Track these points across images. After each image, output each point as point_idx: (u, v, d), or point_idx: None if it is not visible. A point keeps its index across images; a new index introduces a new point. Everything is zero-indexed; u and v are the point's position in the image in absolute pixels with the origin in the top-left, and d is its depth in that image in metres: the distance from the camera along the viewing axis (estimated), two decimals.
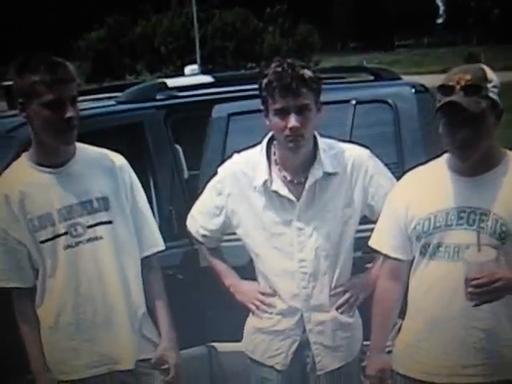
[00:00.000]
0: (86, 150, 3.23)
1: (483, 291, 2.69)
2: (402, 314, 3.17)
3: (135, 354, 3.22)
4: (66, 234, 3.11)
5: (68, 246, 3.11)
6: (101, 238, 3.14)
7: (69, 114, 2.98)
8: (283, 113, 3.14)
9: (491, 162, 2.91)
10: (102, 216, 3.15)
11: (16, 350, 3.24)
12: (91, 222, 3.13)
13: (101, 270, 3.14)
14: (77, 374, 3.18)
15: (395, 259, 3.13)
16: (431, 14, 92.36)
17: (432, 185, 2.99)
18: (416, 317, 3.04)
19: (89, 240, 3.13)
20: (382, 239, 3.15)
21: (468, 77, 2.80)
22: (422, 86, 4.62)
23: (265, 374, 3.41)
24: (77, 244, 3.12)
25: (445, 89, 2.83)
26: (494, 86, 2.84)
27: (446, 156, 3.01)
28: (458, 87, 2.79)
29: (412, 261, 3.09)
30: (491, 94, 2.82)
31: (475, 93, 2.79)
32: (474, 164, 2.87)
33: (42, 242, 3.10)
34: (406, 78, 5.60)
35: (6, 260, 3.16)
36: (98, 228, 3.14)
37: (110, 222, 3.16)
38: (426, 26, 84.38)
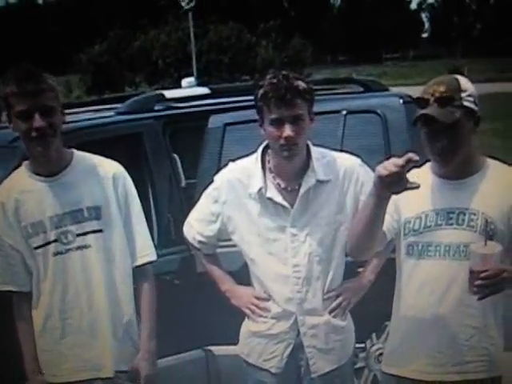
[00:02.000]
0: (82, 159, 3.20)
1: (490, 283, 2.66)
2: (390, 315, 3.15)
3: (115, 362, 3.17)
4: (56, 241, 3.09)
5: (58, 253, 3.10)
6: (89, 246, 3.12)
7: (36, 124, 2.95)
8: (278, 122, 3.12)
9: (473, 167, 2.94)
10: (93, 225, 3.12)
11: (13, 357, 3.22)
12: (81, 231, 3.11)
13: (88, 277, 3.12)
14: (63, 378, 3.16)
15: None
16: (417, 29, 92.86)
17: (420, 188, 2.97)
18: (406, 315, 3.02)
19: (78, 248, 3.11)
20: None
21: (442, 88, 2.83)
22: (409, 96, 4.62)
23: (260, 377, 3.37)
24: (66, 251, 3.10)
25: (420, 101, 2.87)
26: (469, 95, 2.86)
27: (429, 163, 3.02)
28: (432, 99, 2.83)
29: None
30: (466, 103, 2.85)
31: (448, 104, 2.81)
32: (457, 169, 2.90)
33: (36, 248, 3.09)
34: (394, 90, 5.60)
35: (1, 264, 3.16)
36: (87, 236, 3.12)
37: (100, 231, 3.13)
38: (412, 40, 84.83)
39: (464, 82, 2.89)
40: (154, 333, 3.26)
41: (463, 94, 2.84)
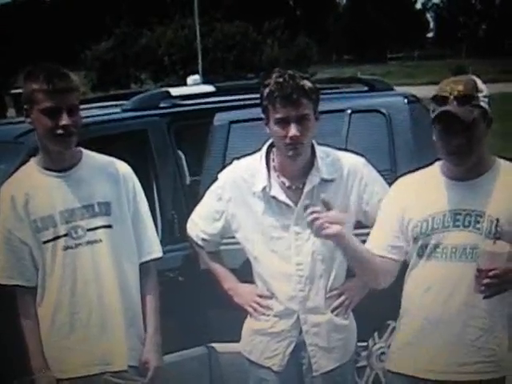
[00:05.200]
0: (92, 157, 3.22)
1: (498, 282, 2.67)
2: (395, 314, 3.15)
3: (128, 356, 3.18)
4: (66, 235, 3.10)
5: (67, 247, 3.10)
6: (100, 240, 3.13)
7: (63, 122, 2.98)
8: (284, 122, 3.11)
9: (482, 168, 2.93)
10: (103, 220, 3.14)
11: (19, 350, 3.21)
12: (91, 226, 3.12)
13: (98, 271, 3.13)
14: (72, 373, 3.15)
15: (390, 259, 3.08)
16: (422, 29, 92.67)
17: (426, 189, 2.99)
18: (413, 316, 3.02)
19: (88, 242, 3.12)
20: (378, 242, 3.11)
21: (460, 87, 2.83)
22: (414, 96, 4.62)
23: (262, 374, 3.37)
24: (76, 246, 3.11)
25: (439, 99, 2.85)
26: (484, 96, 2.86)
27: (438, 163, 3.02)
28: (451, 97, 2.82)
29: (405, 261, 3.08)
30: (482, 104, 2.84)
31: (467, 102, 2.81)
32: (467, 170, 2.90)
33: (45, 242, 3.10)
34: (398, 89, 5.59)
35: (8, 258, 3.16)
36: (97, 231, 3.13)
37: (109, 227, 3.15)
38: (417, 39, 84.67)
39: (479, 82, 2.89)
40: (159, 327, 3.28)
41: (480, 94, 2.85)
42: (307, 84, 3.12)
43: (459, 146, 2.81)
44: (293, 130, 3.10)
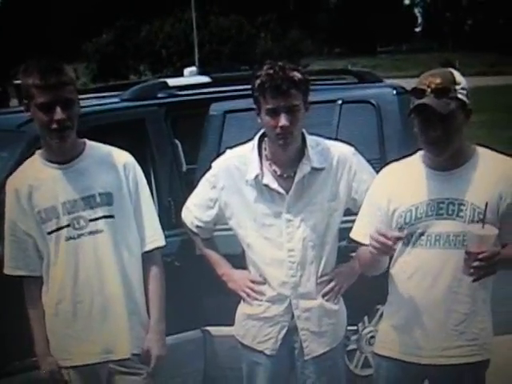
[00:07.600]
0: (95, 148, 3.18)
1: (487, 264, 2.66)
2: (385, 299, 3.14)
3: (131, 345, 3.14)
4: (68, 226, 3.06)
5: (70, 238, 3.07)
6: (101, 231, 3.09)
7: (57, 117, 2.93)
8: (274, 112, 3.09)
9: (463, 158, 2.92)
10: (104, 210, 3.10)
11: (21, 334, 3.22)
12: (93, 216, 3.08)
13: (100, 261, 3.09)
14: (74, 361, 3.13)
15: None
16: (410, 23, 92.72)
17: (410, 179, 2.99)
18: (398, 302, 3.02)
19: (90, 233, 3.08)
20: (363, 230, 3.08)
21: (438, 80, 2.82)
22: (403, 88, 4.60)
23: (255, 358, 3.35)
24: (79, 236, 3.07)
25: (417, 92, 2.85)
26: (462, 88, 2.85)
27: (420, 153, 3.01)
28: (428, 90, 2.81)
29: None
30: (460, 96, 2.84)
31: (444, 95, 2.80)
32: (447, 159, 2.89)
33: (48, 233, 3.07)
34: (388, 81, 5.57)
35: (14, 249, 3.14)
36: (99, 222, 3.09)
37: (111, 217, 3.11)
38: (406, 33, 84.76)
39: (457, 75, 2.88)
40: (164, 315, 3.24)
41: (457, 87, 2.84)
42: (297, 75, 3.10)
43: (436, 137, 2.81)
44: (282, 120, 3.08)
